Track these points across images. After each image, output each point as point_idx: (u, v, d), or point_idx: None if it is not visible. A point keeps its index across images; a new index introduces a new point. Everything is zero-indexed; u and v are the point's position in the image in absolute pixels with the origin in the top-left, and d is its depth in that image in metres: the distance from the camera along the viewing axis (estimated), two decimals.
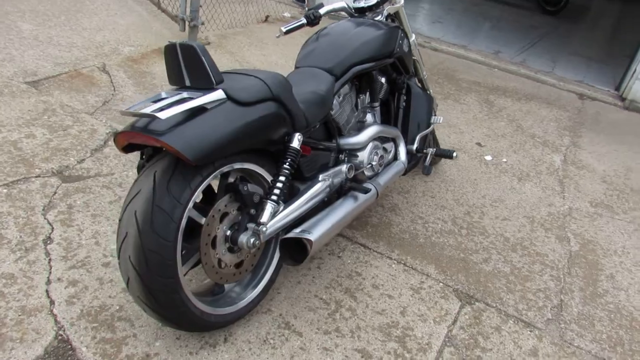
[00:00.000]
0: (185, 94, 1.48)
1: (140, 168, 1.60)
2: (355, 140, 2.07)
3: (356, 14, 2.39)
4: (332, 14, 2.30)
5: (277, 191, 1.63)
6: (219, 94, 1.49)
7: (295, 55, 2.17)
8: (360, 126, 2.22)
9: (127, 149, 1.52)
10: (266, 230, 1.61)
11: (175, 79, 1.53)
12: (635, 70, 4.58)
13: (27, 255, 1.91)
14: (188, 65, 1.48)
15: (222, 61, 3.92)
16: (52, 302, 1.75)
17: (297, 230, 1.73)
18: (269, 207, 1.61)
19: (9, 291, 1.76)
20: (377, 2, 2.34)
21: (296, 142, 1.69)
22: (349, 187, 1.98)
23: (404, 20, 2.49)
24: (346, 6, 2.34)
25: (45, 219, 2.10)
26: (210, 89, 1.49)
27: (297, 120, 1.71)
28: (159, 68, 3.64)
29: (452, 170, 3.06)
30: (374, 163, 2.15)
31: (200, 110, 1.45)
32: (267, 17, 5.02)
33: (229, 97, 1.51)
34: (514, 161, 3.33)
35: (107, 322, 1.71)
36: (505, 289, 2.20)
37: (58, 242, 2.00)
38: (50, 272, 1.86)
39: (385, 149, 2.26)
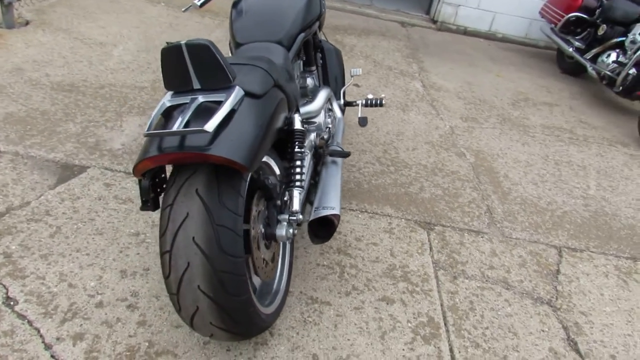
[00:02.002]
0: (200, 98, 1.35)
1: (145, 191, 1.41)
2: (312, 107, 2.09)
3: None
4: None
5: (298, 177, 1.62)
6: (239, 92, 1.38)
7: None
8: (304, 92, 2.24)
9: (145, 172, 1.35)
10: (300, 217, 1.60)
11: (178, 82, 1.36)
12: None
13: None
14: (197, 66, 1.33)
15: (62, 42, 3.35)
16: None
17: (313, 208, 1.75)
18: (296, 194, 1.59)
19: None
20: None
21: (298, 122, 1.67)
22: (329, 154, 2.03)
23: None
24: None
25: None
26: (227, 87, 1.37)
27: (291, 101, 1.68)
28: None
29: (350, 115, 3.26)
30: (330, 126, 2.21)
31: (230, 112, 1.34)
32: None
33: (246, 93, 1.42)
34: (390, 95, 3.68)
35: None
36: (448, 209, 2.56)
37: (25, 299, 1.65)
38: (41, 336, 1.56)
39: (330, 109, 2.33)
